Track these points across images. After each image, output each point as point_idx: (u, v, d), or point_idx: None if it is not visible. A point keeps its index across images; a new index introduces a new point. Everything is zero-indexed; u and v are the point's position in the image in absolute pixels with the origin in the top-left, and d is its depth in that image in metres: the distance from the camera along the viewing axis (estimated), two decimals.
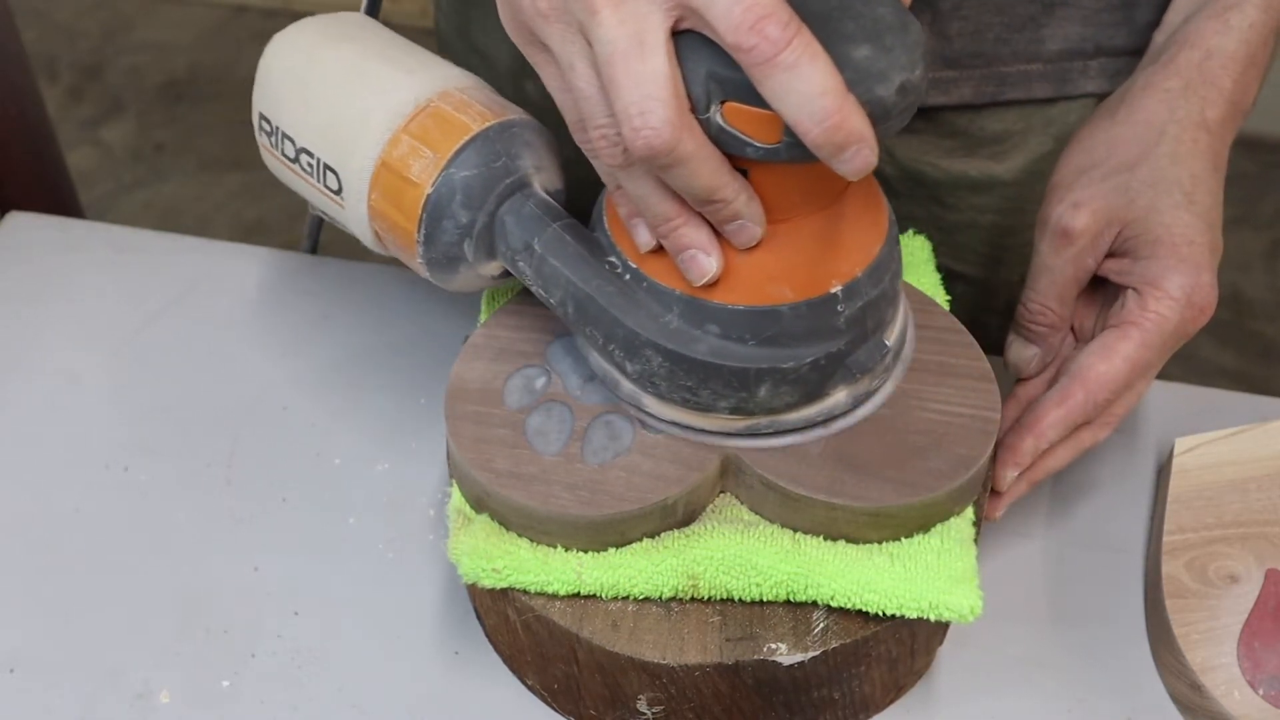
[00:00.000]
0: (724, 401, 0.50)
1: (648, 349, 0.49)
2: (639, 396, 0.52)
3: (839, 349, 0.50)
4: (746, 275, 0.48)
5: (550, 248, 0.51)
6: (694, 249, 0.47)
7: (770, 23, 0.40)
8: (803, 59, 0.40)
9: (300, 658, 0.57)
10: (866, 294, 0.50)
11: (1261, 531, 0.59)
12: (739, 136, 0.44)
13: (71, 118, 2.08)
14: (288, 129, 0.57)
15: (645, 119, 0.42)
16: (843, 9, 0.44)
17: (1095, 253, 0.58)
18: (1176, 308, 0.56)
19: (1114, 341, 0.56)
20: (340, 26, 0.58)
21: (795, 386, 0.50)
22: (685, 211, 0.47)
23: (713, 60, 0.43)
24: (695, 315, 0.49)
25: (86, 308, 0.71)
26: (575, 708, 0.54)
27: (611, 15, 0.42)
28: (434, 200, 0.51)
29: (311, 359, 0.69)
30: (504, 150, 0.52)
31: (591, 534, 0.51)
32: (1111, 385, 0.56)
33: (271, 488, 0.63)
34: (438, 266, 0.53)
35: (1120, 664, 0.57)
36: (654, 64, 0.42)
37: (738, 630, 0.51)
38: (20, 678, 0.56)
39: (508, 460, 0.52)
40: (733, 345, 0.49)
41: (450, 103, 0.53)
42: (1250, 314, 1.78)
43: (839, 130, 0.41)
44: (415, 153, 0.52)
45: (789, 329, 0.49)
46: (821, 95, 0.40)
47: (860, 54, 0.43)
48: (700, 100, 0.43)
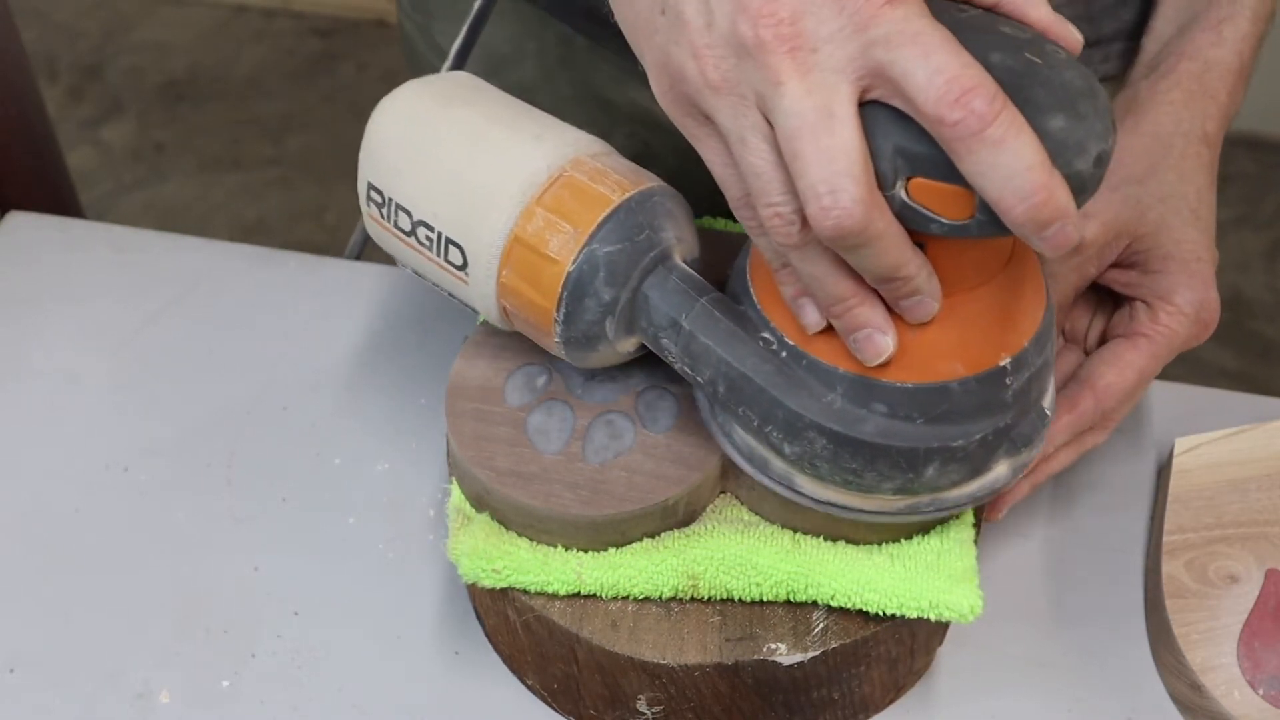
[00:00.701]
0: (889, 483, 0.47)
1: (811, 430, 0.46)
2: (792, 477, 0.49)
3: (1006, 423, 0.47)
4: (916, 352, 0.46)
5: (699, 324, 0.48)
6: (870, 329, 0.44)
7: (976, 96, 0.38)
8: (1009, 133, 0.38)
9: (300, 658, 0.57)
10: (1032, 364, 0.47)
11: (1261, 531, 0.59)
12: (925, 213, 0.41)
13: (71, 118, 2.09)
14: (403, 201, 0.52)
15: (836, 198, 0.39)
16: (1031, 75, 0.41)
17: (1100, 262, 0.58)
18: (1186, 322, 0.57)
19: (1124, 351, 0.57)
20: (453, 88, 0.54)
21: (963, 464, 0.47)
22: (862, 290, 0.44)
23: (901, 133, 0.40)
24: (861, 395, 0.46)
25: (86, 308, 0.71)
26: (575, 708, 0.54)
27: (798, 85, 0.39)
28: (575, 278, 0.48)
29: (311, 359, 0.69)
30: (646, 222, 0.49)
31: (592, 533, 0.51)
32: (1120, 394, 0.57)
33: (271, 488, 0.63)
34: (575, 345, 0.50)
35: (1120, 664, 0.57)
36: (844, 138, 0.39)
37: (737, 630, 0.51)
38: (20, 678, 0.56)
39: (508, 458, 0.52)
40: (900, 425, 0.46)
41: (585, 172, 0.49)
42: (1250, 314, 1.78)
43: (1045, 207, 0.38)
44: (552, 227, 0.48)
45: (958, 405, 0.46)
46: (1028, 171, 0.38)
47: (1056, 124, 0.40)
48: (886, 176, 0.41)
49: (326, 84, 2.16)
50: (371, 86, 2.14)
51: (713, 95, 0.42)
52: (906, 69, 0.38)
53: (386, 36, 2.25)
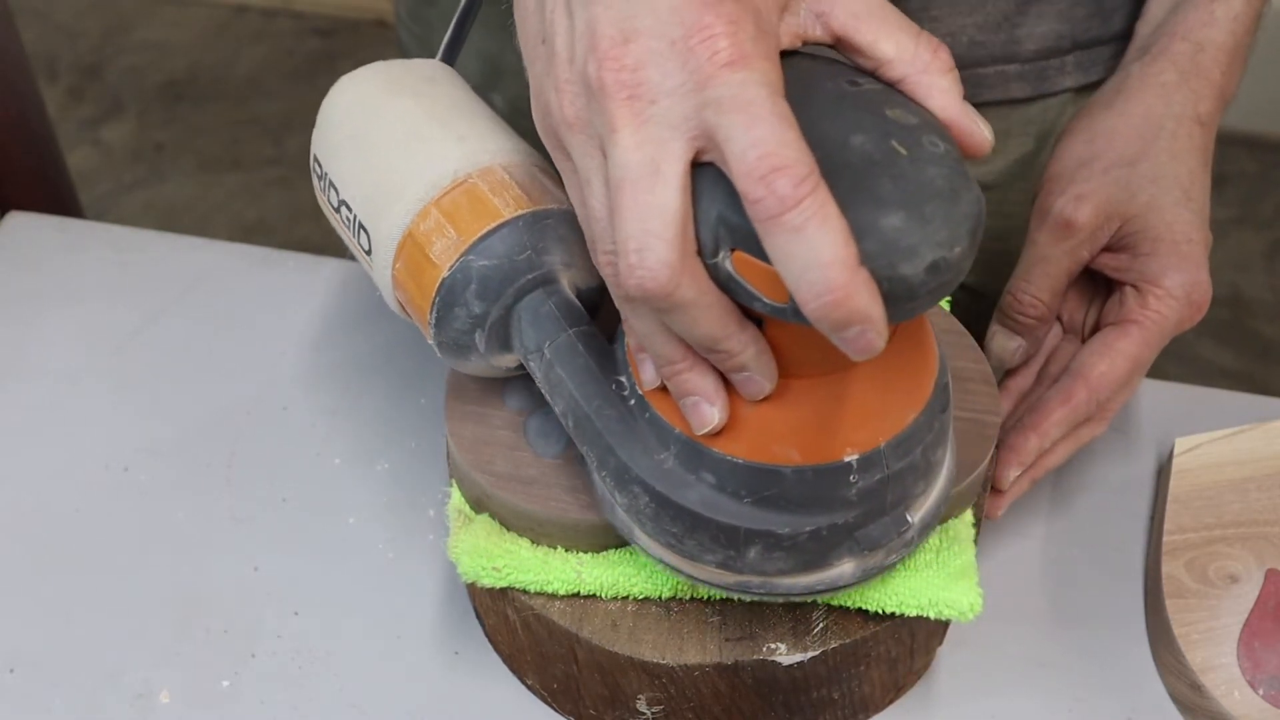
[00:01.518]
0: (710, 556, 0.45)
1: (636, 485, 0.45)
2: (632, 529, 0.48)
3: (846, 521, 0.44)
4: (751, 428, 0.43)
5: (560, 355, 0.47)
6: (696, 396, 0.43)
7: (783, 176, 0.35)
8: (811, 223, 0.35)
9: (300, 658, 0.57)
10: (888, 467, 0.44)
11: (1261, 531, 0.59)
12: (747, 288, 0.39)
13: (71, 118, 2.09)
14: (335, 178, 0.54)
15: (641, 257, 0.38)
16: (884, 165, 0.38)
17: (1092, 246, 0.58)
18: (1177, 306, 0.56)
19: (1115, 340, 0.57)
20: (410, 78, 0.54)
21: (790, 554, 0.45)
22: (690, 356, 0.42)
23: (726, 203, 0.38)
24: (691, 460, 0.44)
25: (86, 308, 0.71)
26: (575, 708, 0.54)
27: (630, 136, 0.38)
28: (448, 285, 0.48)
29: (311, 359, 0.69)
30: (531, 243, 0.48)
31: (592, 536, 0.51)
32: (1113, 383, 0.57)
33: (271, 488, 0.63)
34: (448, 351, 0.50)
35: (1120, 664, 0.57)
36: (663, 196, 0.38)
37: (737, 630, 0.51)
38: (20, 678, 0.56)
39: (508, 462, 0.52)
40: (726, 500, 0.44)
41: (489, 181, 0.49)
42: (1250, 314, 1.78)
43: (839, 308, 0.36)
44: (440, 230, 0.48)
45: (789, 493, 0.44)
46: (825, 266, 0.35)
47: (890, 222, 0.37)
48: (708, 244, 0.39)
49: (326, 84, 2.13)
50: None
51: (568, 132, 0.41)
52: (729, 135, 0.37)
53: (386, 36, 2.25)
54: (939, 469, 0.48)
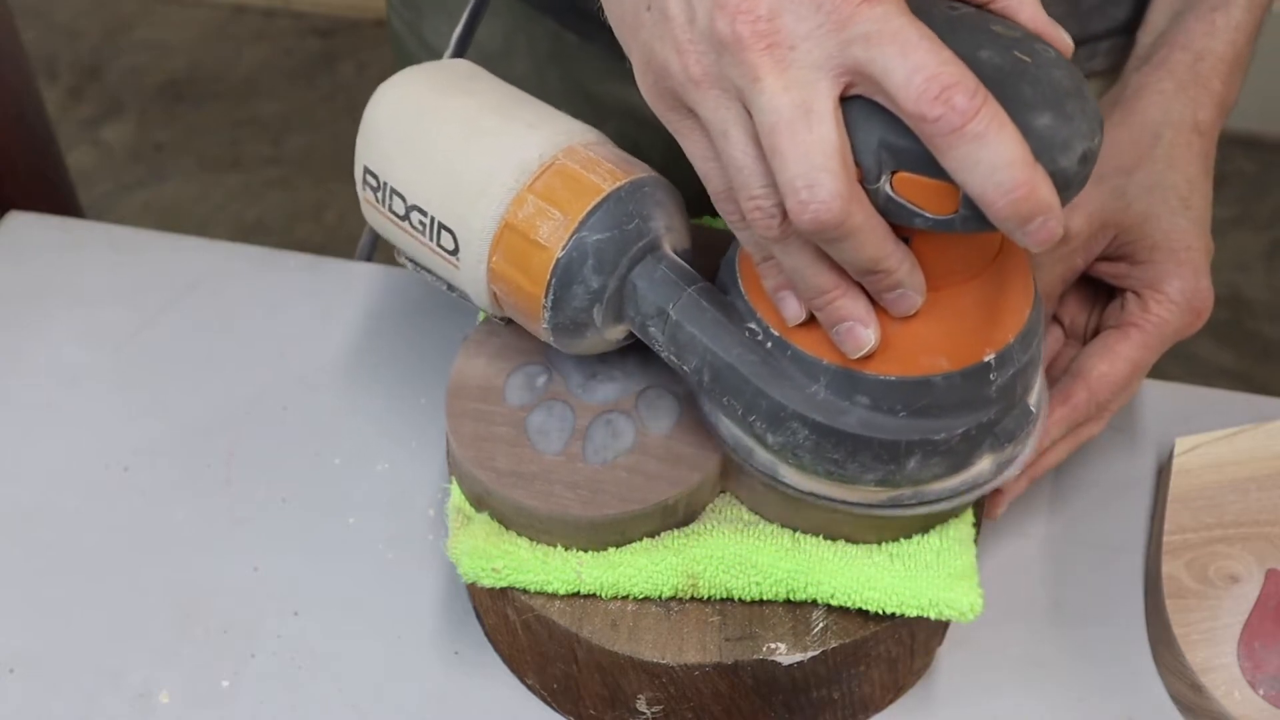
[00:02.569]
0: (871, 474, 0.48)
1: (794, 421, 0.47)
2: (776, 467, 0.49)
3: (989, 418, 0.48)
4: (900, 345, 0.46)
5: (686, 314, 0.48)
6: (852, 321, 0.45)
7: (957, 91, 0.38)
8: (990, 129, 0.38)
9: (300, 658, 0.57)
10: (1018, 361, 0.47)
11: (1261, 531, 0.59)
12: (909, 207, 0.41)
13: (71, 118, 2.09)
14: (398, 185, 0.53)
15: (814, 192, 0.40)
16: (1019, 74, 0.41)
17: (1086, 254, 0.58)
18: (1177, 311, 0.56)
19: (1115, 342, 0.57)
20: (450, 76, 0.55)
21: (945, 458, 0.48)
22: (844, 283, 0.44)
23: (885, 129, 0.40)
24: (844, 386, 0.46)
25: (86, 308, 0.71)
26: (575, 707, 0.54)
27: (776, 81, 0.40)
28: (564, 265, 0.48)
29: (311, 359, 0.69)
30: (636, 211, 0.49)
31: (592, 534, 0.51)
32: (1113, 385, 0.57)
33: (271, 488, 0.63)
34: (563, 332, 0.50)
35: (1120, 664, 0.57)
36: (822, 133, 0.40)
37: (737, 630, 0.51)
38: (20, 678, 0.56)
39: (508, 459, 0.52)
40: (883, 417, 0.46)
41: (577, 160, 0.50)
42: (1250, 314, 1.78)
43: (1027, 202, 0.39)
44: (543, 214, 0.49)
45: (941, 399, 0.46)
46: (1010, 166, 0.38)
47: (1042, 122, 0.40)
48: (871, 170, 0.41)
49: (326, 84, 2.16)
50: (371, 87, 2.11)
51: (695, 89, 0.42)
52: (886, 66, 0.39)
53: (386, 36, 2.25)
54: (1040, 357, 0.51)
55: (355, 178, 0.55)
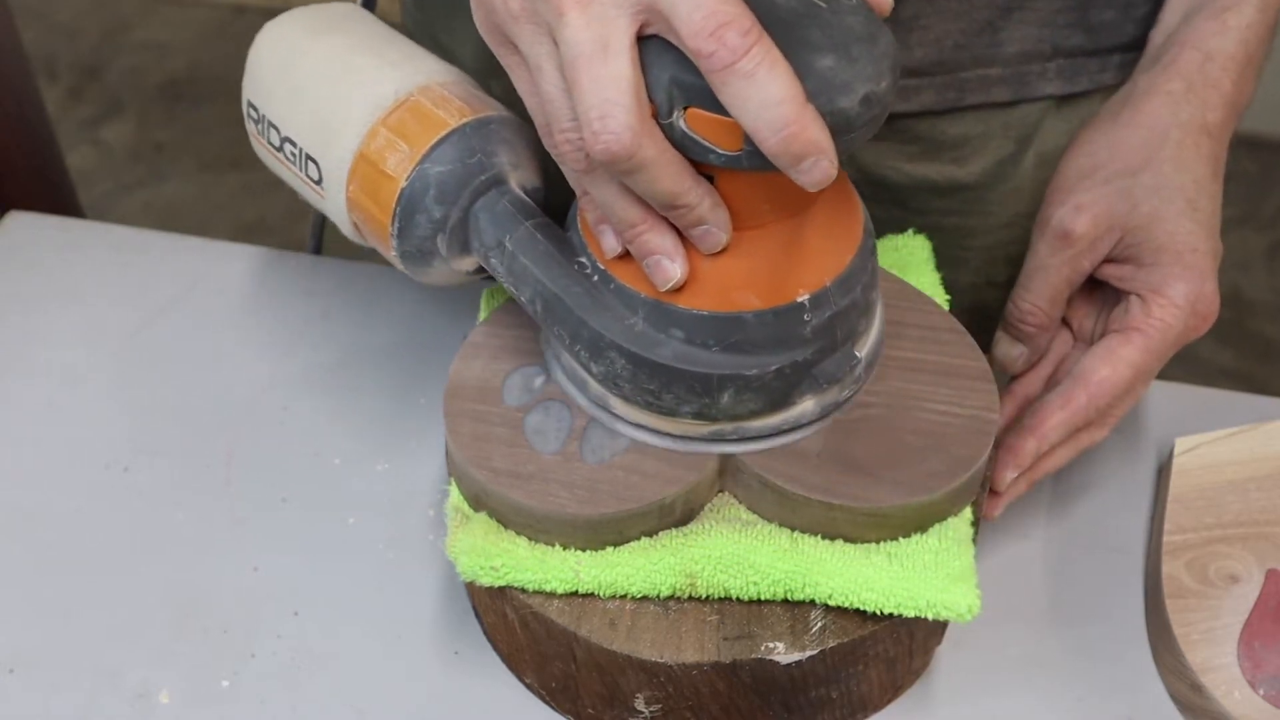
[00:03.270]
0: (687, 406, 0.50)
1: (612, 350, 0.49)
2: (606, 398, 0.52)
3: (805, 358, 0.49)
4: (712, 281, 0.48)
5: (521, 245, 0.51)
6: (658, 254, 0.47)
7: (730, 29, 0.40)
8: (761, 67, 0.40)
9: (300, 658, 0.57)
10: (835, 304, 0.49)
11: (1261, 531, 0.59)
12: (701, 143, 0.43)
13: (71, 118, 2.09)
14: (274, 118, 0.57)
15: (605, 123, 0.42)
16: (810, 17, 0.43)
17: (1093, 256, 0.58)
18: (1181, 315, 0.56)
19: (1117, 346, 0.57)
20: (330, 17, 0.59)
21: (759, 394, 0.49)
22: (650, 217, 0.46)
23: (676, 65, 0.42)
24: (660, 319, 0.48)
25: (86, 308, 0.71)
26: (573, 706, 0.54)
27: (578, 17, 0.42)
28: (408, 194, 0.52)
29: (311, 359, 0.69)
30: (480, 147, 0.52)
31: (589, 533, 0.51)
32: (1114, 390, 0.56)
33: (271, 488, 0.63)
34: (411, 260, 0.54)
35: (1120, 664, 0.57)
36: (616, 67, 0.42)
37: (735, 629, 0.51)
38: (20, 678, 0.56)
39: (506, 458, 0.52)
40: (696, 350, 0.48)
41: (430, 97, 0.53)
42: (1250, 314, 1.78)
43: (796, 140, 0.40)
44: (392, 146, 0.52)
45: (753, 336, 0.48)
46: (779, 104, 0.40)
47: (824, 64, 0.42)
48: (663, 105, 0.43)
49: None
50: None
51: (514, 24, 0.44)
52: (673, 4, 0.41)
53: None
54: (875, 308, 0.53)
55: (243, 111, 0.60)
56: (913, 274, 0.62)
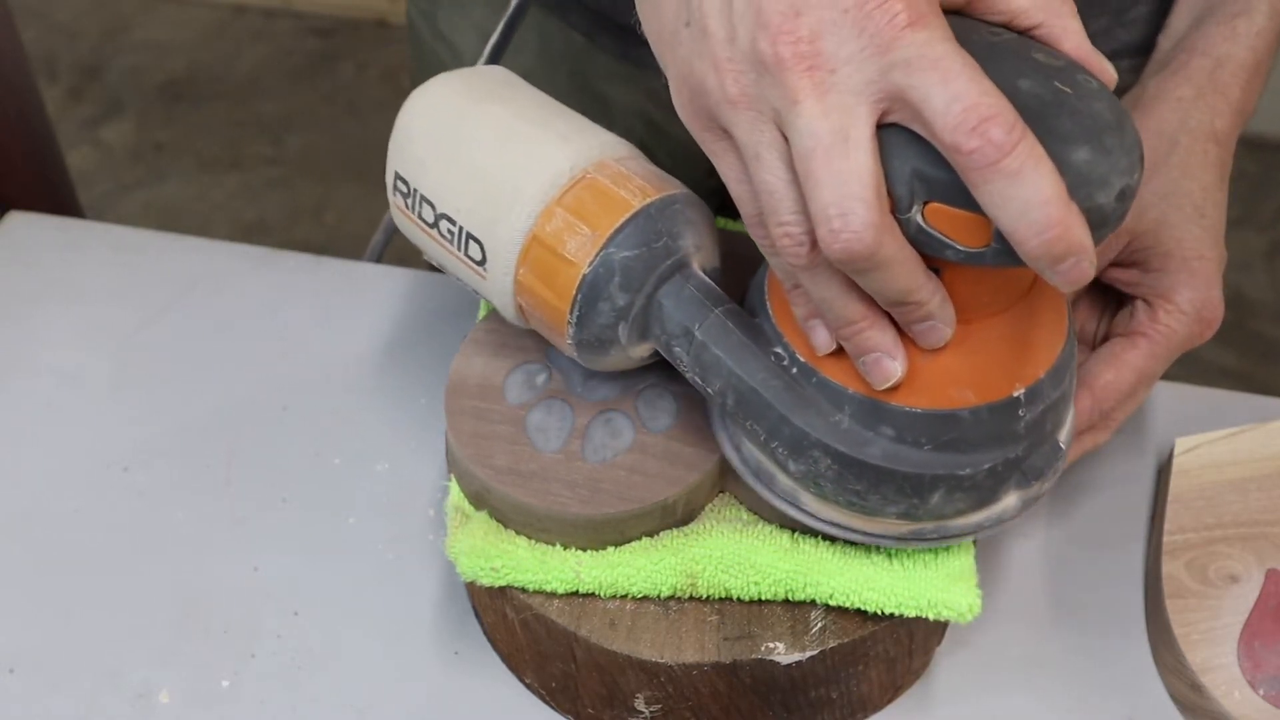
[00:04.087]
0: (893, 507, 0.47)
1: (816, 449, 0.46)
2: (797, 494, 0.49)
3: (1017, 454, 0.47)
4: (927, 377, 0.45)
5: (712, 335, 0.48)
6: (879, 352, 0.44)
7: (995, 125, 0.37)
8: (1027, 165, 0.37)
9: (300, 658, 0.57)
10: (1048, 396, 0.47)
11: (1261, 531, 0.59)
12: (940, 239, 0.41)
13: (71, 118, 2.09)
14: (428, 193, 0.52)
15: (846, 221, 0.39)
16: (1059, 105, 0.40)
17: (1099, 260, 0.58)
18: (1186, 321, 0.56)
19: (1122, 351, 0.57)
20: (485, 84, 0.54)
21: (969, 493, 0.47)
22: (873, 313, 0.44)
23: (921, 158, 0.40)
24: (869, 416, 0.46)
25: (86, 308, 0.71)
26: (573, 706, 0.54)
27: (815, 105, 0.39)
28: (590, 281, 0.48)
29: (311, 359, 0.69)
30: (665, 229, 0.48)
31: (590, 532, 0.51)
32: (1118, 393, 0.57)
33: (271, 488, 0.63)
34: (588, 349, 0.50)
35: (1120, 664, 0.57)
36: (858, 161, 0.39)
37: (735, 629, 0.51)
38: (20, 678, 0.56)
39: (507, 457, 0.52)
40: (907, 449, 0.46)
41: (608, 174, 0.49)
42: (1250, 314, 1.78)
43: (1060, 242, 0.38)
44: (571, 229, 0.48)
45: (968, 434, 0.46)
46: (1044, 205, 0.37)
47: (1079, 157, 0.39)
48: (902, 199, 0.40)
49: (326, 84, 2.16)
50: (371, 86, 2.14)
51: (731, 110, 0.41)
52: (926, 94, 0.38)
53: (386, 36, 2.25)
54: (1072, 394, 0.50)
55: (386, 184, 0.55)
56: None
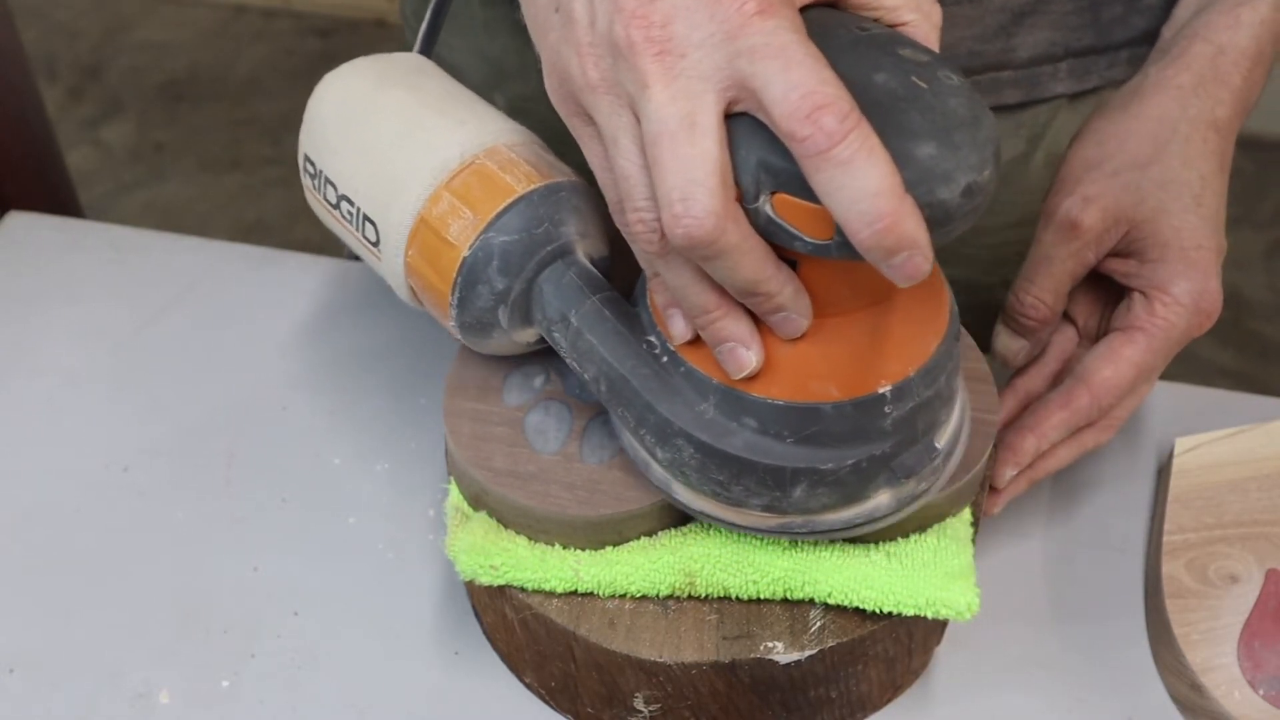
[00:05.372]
0: (756, 499, 0.47)
1: (679, 438, 0.46)
2: (669, 483, 0.49)
3: (883, 451, 0.46)
4: (789, 369, 0.45)
5: (587, 322, 0.48)
6: (733, 342, 0.44)
7: (828, 113, 0.37)
8: (859, 155, 0.37)
9: (300, 658, 0.57)
10: (918, 395, 0.46)
11: (1261, 531, 0.59)
12: (788, 230, 0.41)
13: (71, 118, 2.09)
14: (331, 174, 0.54)
15: (687, 206, 0.39)
16: (911, 100, 0.40)
17: (1098, 249, 0.58)
18: (1184, 314, 0.56)
19: (1120, 346, 0.56)
20: (396, 71, 0.55)
21: (833, 488, 0.47)
22: (725, 303, 0.44)
23: (766, 148, 0.39)
24: (732, 407, 0.46)
25: (86, 308, 0.71)
26: (573, 706, 0.54)
27: (664, 90, 0.39)
28: (470, 264, 0.49)
29: (311, 359, 0.69)
30: (548, 215, 0.49)
31: (589, 533, 0.51)
32: (1117, 390, 0.56)
33: (271, 488, 0.63)
34: (470, 331, 0.51)
35: (1120, 664, 0.57)
36: (703, 147, 0.39)
37: (734, 629, 0.51)
38: (20, 678, 0.56)
39: (506, 458, 0.52)
40: (769, 441, 0.46)
41: (497, 160, 0.50)
42: (1250, 314, 1.78)
43: (890, 234, 0.37)
44: (455, 212, 0.49)
45: (830, 428, 0.45)
46: (875, 196, 0.37)
47: (925, 151, 0.39)
48: (749, 189, 0.40)
49: None
50: None
51: (591, 94, 0.42)
52: (766, 81, 0.38)
53: (386, 37, 2.25)
54: (956, 395, 0.49)
55: (299, 164, 0.57)
56: None
